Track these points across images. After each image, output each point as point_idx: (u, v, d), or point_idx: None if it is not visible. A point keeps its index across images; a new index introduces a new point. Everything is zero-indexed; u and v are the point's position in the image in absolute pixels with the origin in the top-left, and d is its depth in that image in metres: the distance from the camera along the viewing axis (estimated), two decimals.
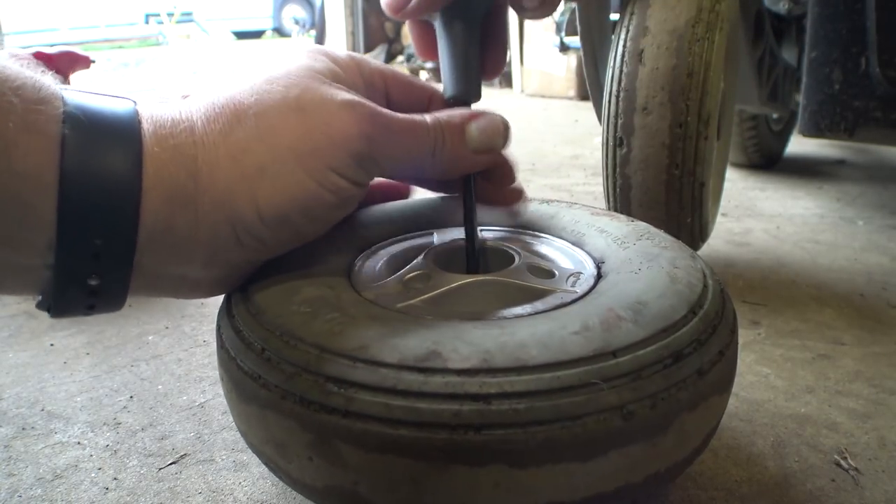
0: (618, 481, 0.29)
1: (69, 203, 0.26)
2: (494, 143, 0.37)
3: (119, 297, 0.30)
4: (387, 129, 0.33)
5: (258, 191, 0.30)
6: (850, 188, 1.24)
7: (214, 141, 0.30)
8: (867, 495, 0.41)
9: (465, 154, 0.36)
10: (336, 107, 0.31)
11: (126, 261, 0.29)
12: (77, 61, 0.77)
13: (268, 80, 0.32)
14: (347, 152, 0.31)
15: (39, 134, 0.26)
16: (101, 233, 0.27)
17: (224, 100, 0.31)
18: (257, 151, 0.30)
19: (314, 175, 0.31)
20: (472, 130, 0.36)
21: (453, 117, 0.36)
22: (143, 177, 0.28)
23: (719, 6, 0.65)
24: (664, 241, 0.40)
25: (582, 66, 0.88)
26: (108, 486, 0.42)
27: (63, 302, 0.29)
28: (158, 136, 0.29)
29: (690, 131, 0.64)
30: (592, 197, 1.18)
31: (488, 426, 0.26)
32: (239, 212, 0.30)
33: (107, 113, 0.28)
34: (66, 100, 0.27)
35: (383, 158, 0.33)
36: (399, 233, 0.45)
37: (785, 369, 0.57)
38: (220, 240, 0.31)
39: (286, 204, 0.31)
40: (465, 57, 0.38)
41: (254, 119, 0.30)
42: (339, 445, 0.28)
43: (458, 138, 0.35)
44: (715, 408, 0.32)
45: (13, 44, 5.42)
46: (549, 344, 0.28)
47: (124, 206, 0.27)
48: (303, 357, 0.29)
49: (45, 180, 0.26)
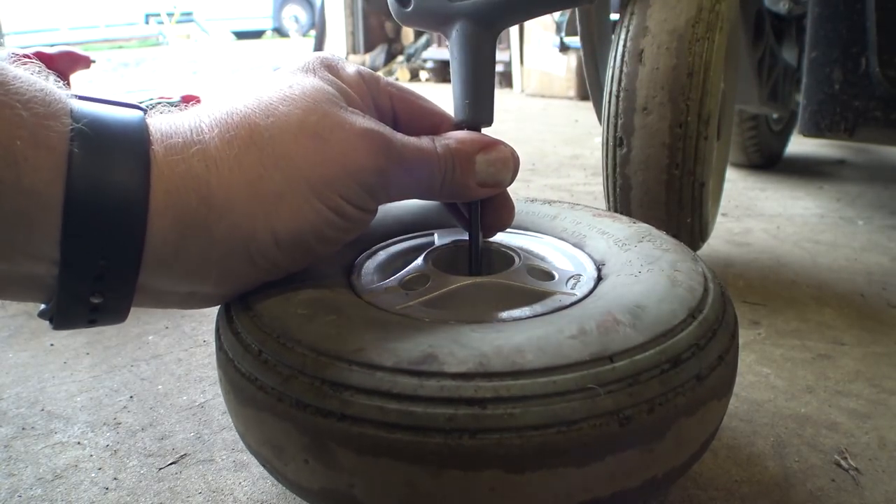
0: (614, 486, 0.29)
1: (74, 222, 0.26)
2: (502, 178, 0.36)
3: (121, 312, 0.30)
4: (399, 160, 0.33)
5: (275, 217, 0.30)
6: (850, 188, 1.24)
7: (230, 166, 0.29)
8: (867, 495, 0.41)
9: (471, 185, 0.36)
10: (354, 136, 0.31)
11: (130, 281, 0.28)
12: (77, 61, 0.78)
13: (283, 100, 0.31)
14: (359, 184, 0.31)
15: (48, 150, 0.25)
16: (106, 253, 0.27)
17: (238, 119, 0.30)
18: (274, 178, 0.29)
19: (329, 203, 0.31)
20: (482, 163, 0.35)
21: (463, 146, 0.35)
22: (151, 198, 0.27)
23: (719, 6, 0.65)
24: (666, 244, 0.40)
25: (582, 66, 0.88)
26: (108, 486, 0.42)
27: (65, 317, 0.29)
28: (169, 158, 0.28)
29: (690, 131, 0.64)
30: (592, 197, 1.18)
31: (483, 430, 0.26)
32: (255, 237, 0.30)
33: (116, 129, 0.28)
34: (74, 112, 0.27)
35: (393, 188, 0.34)
36: (400, 233, 0.45)
37: (785, 369, 0.57)
38: (233, 262, 0.31)
39: (302, 229, 0.31)
40: (478, 78, 0.37)
41: (270, 144, 0.30)
42: (335, 448, 0.28)
43: (467, 168, 0.35)
44: (714, 413, 0.32)
45: (13, 44, 5.42)
46: (546, 348, 0.28)
47: (130, 227, 0.27)
48: (299, 360, 0.29)
49: (52, 198, 0.26)
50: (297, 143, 0.30)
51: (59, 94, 0.27)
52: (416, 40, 4.07)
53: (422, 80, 3.77)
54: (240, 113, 0.30)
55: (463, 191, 0.36)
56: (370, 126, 0.32)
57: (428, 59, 3.76)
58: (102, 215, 0.26)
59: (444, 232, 0.44)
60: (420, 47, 3.98)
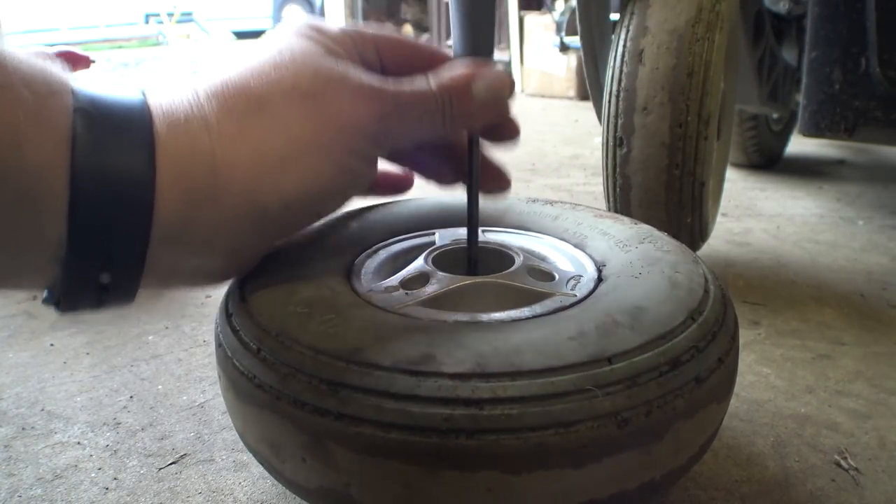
0: (611, 488, 0.29)
1: (81, 202, 0.26)
2: (501, 98, 0.36)
3: (130, 291, 0.30)
4: (397, 107, 0.33)
5: (281, 182, 0.30)
6: (850, 188, 1.24)
7: (231, 135, 0.29)
8: (867, 495, 0.41)
9: (472, 111, 0.35)
10: (347, 91, 0.31)
11: (139, 258, 0.28)
12: (77, 61, 0.77)
13: (275, 66, 0.31)
14: (362, 136, 0.32)
15: (50, 129, 0.25)
16: (115, 231, 0.27)
17: (234, 89, 0.30)
18: (276, 143, 0.30)
19: (332, 160, 0.31)
20: (479, 89, 0.35)
21: (457, 79, 0.35)
22: (157, 174, 0.27)
23: (719, 6, 0.65)
24: (667, 246, 0.40)
25: (582, 66, 0.88)
26: (108, 486, 0.42)
27: (72, 298, 0.29)
28: (172, 132, 0.28)
29: (690, 131, 0.64)
30: (592, 197, 1.18)
31: (480, 431, 0.26)
32: (264, 203, 0.30)
33: (118, 108, 0.28)
34: (76, 92, 0.27)
35: (396, 134, 0.34)
36: (401, 232, 0.45)
37: (785, 369, 0.57)
38: (242, 230, 0.31)
39: (310, 190, 0.31)
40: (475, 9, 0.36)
41: (269, 109, 0.30)
42: (332, 447, 0.28)
43: (465, 98, 0.35)
44: (713, 415, 0.32)
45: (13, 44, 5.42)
46: (544, 349, 0.28)
47: (139, 204, 0.27)
48: (297, 358, 0.29)
49: (56, 178, 0.25)
50: (293, 106, 0.30)
51: (61, 74, 0.27)
52: None
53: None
54: (234, 82, 0.30)
55: (466, 120, 0.36)
56: (361, 78, 0.32)
57: None
58: (110, 193, 0.26)
59: (444, 232, 0.44)
60: None
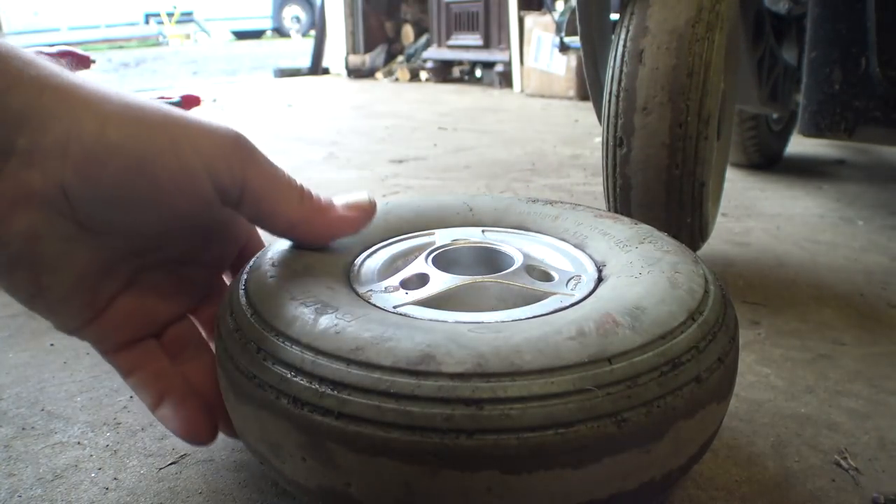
0: (611, 488, 0.29)
1: None
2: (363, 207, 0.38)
3: None
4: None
5: None
6: (849, 188, 1.24)
7: None
8: (867, 495, 0.41)
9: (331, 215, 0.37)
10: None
11: None
12: (77, 61, 0.77)
13: None
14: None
15: None
16: None
17: None
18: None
19: None
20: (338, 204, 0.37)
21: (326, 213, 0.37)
22: None
23: (719, 6, 0.65)
24: (667, 246, 0.40)
25: (582, 66, 0.88)
26: (108, 486, 0.42)
27: None
28: None
29: (690, 131, 0.64)
30: (592, 197, 1.18)
31: (480, 431, 0.26)
32: None
33: None
34: None
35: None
36: (401, 232, 0.45)
37: (785, 369, 0.57)
38: None
39: None
40: None
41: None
42: (332, 447, 0.28)
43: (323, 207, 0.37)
44: (713, 415, 0.32)
45: None
46: (544, 349, 0.28)
47: None
48: (297, 358, 0.29)
49: None
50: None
51: None
52: (416, 40, 4.06)
53: (422, 80, 3.77)
54: None
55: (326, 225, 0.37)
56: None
57: (428, 59, 3.75)
58: None
59: (444, 232, 0.44)
60: (420, 47, 3.96)
